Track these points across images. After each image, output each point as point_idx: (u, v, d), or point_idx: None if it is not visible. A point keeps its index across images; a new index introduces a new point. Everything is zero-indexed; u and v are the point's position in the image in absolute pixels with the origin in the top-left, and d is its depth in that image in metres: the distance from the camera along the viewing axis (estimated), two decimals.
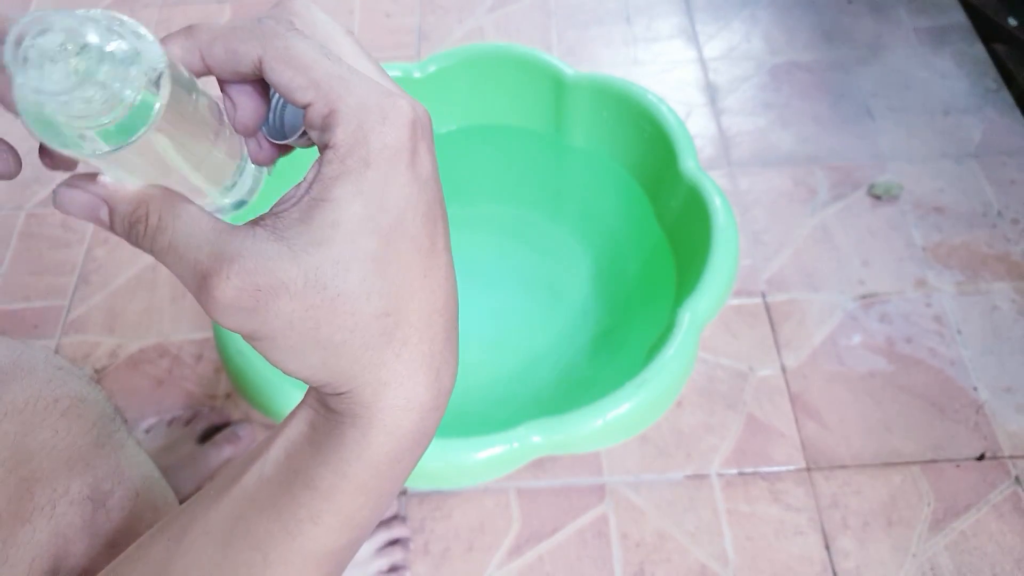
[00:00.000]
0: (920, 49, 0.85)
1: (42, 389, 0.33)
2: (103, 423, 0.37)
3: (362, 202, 0.18)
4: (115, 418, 0.39)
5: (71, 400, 0.35)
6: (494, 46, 0.61)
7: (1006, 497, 0.57)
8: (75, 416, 0.34)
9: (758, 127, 0.79)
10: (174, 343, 0.68)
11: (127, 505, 0.37)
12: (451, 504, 0.58)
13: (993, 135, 0.77)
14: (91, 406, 0.36)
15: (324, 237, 0.18)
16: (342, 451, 0.21)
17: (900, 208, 0.73)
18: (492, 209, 0.69)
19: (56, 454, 0.33)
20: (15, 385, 0.32)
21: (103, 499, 0.35)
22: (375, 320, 0.19)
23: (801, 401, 0.62)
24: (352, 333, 0.19)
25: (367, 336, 0.19)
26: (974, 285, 0.68)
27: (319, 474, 0.21)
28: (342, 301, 0.18)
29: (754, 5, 0.91)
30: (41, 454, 0.32)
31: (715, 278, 0.47)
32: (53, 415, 0.33)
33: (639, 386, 0.43)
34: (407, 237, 0.19)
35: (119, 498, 0.36)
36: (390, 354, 0.20)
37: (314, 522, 0.21)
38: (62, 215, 0.75)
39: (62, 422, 0.34)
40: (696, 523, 0.57)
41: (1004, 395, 0.62)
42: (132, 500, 0.37)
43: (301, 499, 0.21)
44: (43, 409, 0.33)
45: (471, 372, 0.60)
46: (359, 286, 0.19)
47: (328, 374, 0.20)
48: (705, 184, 0.52)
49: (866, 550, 0.56)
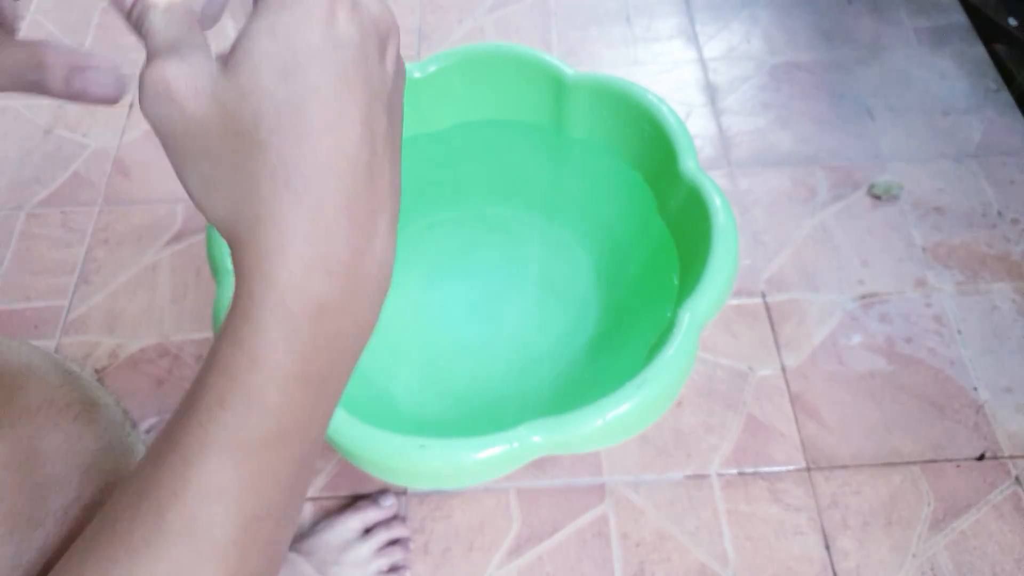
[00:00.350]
0: (920, 49, 0.85)
1: (54, 393, 0.33)
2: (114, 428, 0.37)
3: (270, 40, 0.19)
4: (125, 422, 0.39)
5: (83, 405, 0.35)
6: (494, 46, 0.61)
7: (1006, 497, 0.58)
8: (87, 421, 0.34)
9: (758, 127, 0.79)
10: (174, 343, 0.68)
11: None
12: (451, 504, 0.58)
13: (993, 135, 0.78)
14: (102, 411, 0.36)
15: (235, 64, 0.20)
16: (233, 315, 0.21)
17: (900, 208, 0.73)
18: (492, 209, 0.69)
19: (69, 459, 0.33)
20: (28, 389, 0.32)
21: None
22: (259, 154, 0.20)
23: (801, 401, 0.62)
24: (234, 162, 0.20)
25: (249, 168, 0.20)
26: (974, 285, 0.68)
27: (219, 348, 0.21)
28: (233, 124, 0.19)
29: (754, 5, 0.91)
30: (55, 459, 0.32)
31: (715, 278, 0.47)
32: (66, 419, 0.33)
33: (639, 386, 0.43)
34: (311, 87, 0.20)
35: None
36: (273, 200, 0.20)
37: (222, 406, 0.21)
38: (62, 215, 0.75)
39: (74, 427, 0.34)
40: (696, 523, 0.57)
41: (1004, 395, 0.62)
42: None
43: (207, 381, 0.21)
44: (56, 414, 0.33)
45: (471, 372, 0.60)
46: (251, 117, 0.19)
47: (214, 208, 0.21)
48: (705, 184, 0.52)
49: (866, 550, 0.56)
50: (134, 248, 0.74)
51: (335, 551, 0.53)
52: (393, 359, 0.61)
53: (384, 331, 0.63)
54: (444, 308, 0.64)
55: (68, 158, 0.81)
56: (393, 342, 0.62)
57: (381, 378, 0.60)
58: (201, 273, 0.72)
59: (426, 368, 0.61)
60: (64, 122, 0.84)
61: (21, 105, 0.86)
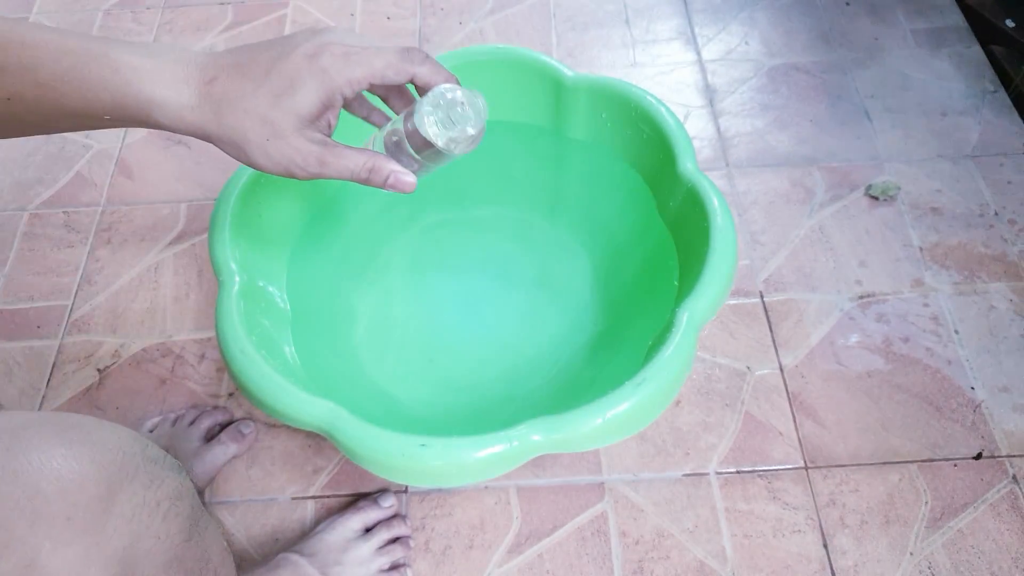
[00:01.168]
0: (917, 51, 0.86)
1: (146, 495, 0.33)
2: (194, 515, 0.37)
3: None
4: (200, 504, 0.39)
5: (170, 501, 0.35)
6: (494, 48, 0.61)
7: (1003, 496, 0.58)
8: (173, 516, 0.34)
9: (756, 129, 0.80)
10: (177, 343, 0.68)
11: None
12: (452, 502, 0.59)
13: (990, 136, 0.78)
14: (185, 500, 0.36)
15: None
16: None
17: (897, 209, 0.74)
18: (492, 209, 0.69)
19: (157, 559, 0.33)
20: (121, 495, 0.31)
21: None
22: None
23: (799, 400, 0.63)
24: None
25: None
26: (971, 285, 0.68)
27: None
28: None
29: (752, 7, 0.91)
30: (144, 562, 0.32)
31: (713, 278, 0.48)
32: (156, 520, 0.33)
33: (638, 385, 0.43)
34: None
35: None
36: None
37: None
38: (65, 216, 0.76)
39: (163, 527, 0.33)
40: (695, 521, 0.57)
41: (1001, 395, 0.62)
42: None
43: None
44: (147, 516, 0.32)
45: (471, 371, 0.61)
46: None
47: None
48: (704, 185, 0.52)
49: (864, 548, 0.56)
50: (136, 248, 0.74)
51: (336, 551, 0.53)
52: (394, 358, 0.62)
53: (385, 331, 0.64)
54: (444, 308, 0.64)
55: (71, 159, 0.81)
56: (393, 342, 0.63)
57: (382, 378, 0.60)
58: (203, 273, 0.72)
59: (426, 367, 0.61)
60: None
61: None
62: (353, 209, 0.65)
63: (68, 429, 0.31)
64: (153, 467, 0.34)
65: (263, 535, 0.58)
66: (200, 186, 0.77)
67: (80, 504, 0.29)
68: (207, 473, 0.59)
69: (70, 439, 0.31)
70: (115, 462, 0.32)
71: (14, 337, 0.69)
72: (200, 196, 0.77)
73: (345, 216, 0.65)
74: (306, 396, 0.44)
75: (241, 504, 0.59)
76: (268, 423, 0.63)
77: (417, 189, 0.41)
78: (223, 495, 0.60)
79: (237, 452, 0.60)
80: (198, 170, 0.78)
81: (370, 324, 0.63)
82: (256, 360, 0.45)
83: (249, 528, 0.58)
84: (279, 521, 0.58)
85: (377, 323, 0.63)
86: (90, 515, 0.29)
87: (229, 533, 0.58)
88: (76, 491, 0.29)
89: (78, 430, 0.32)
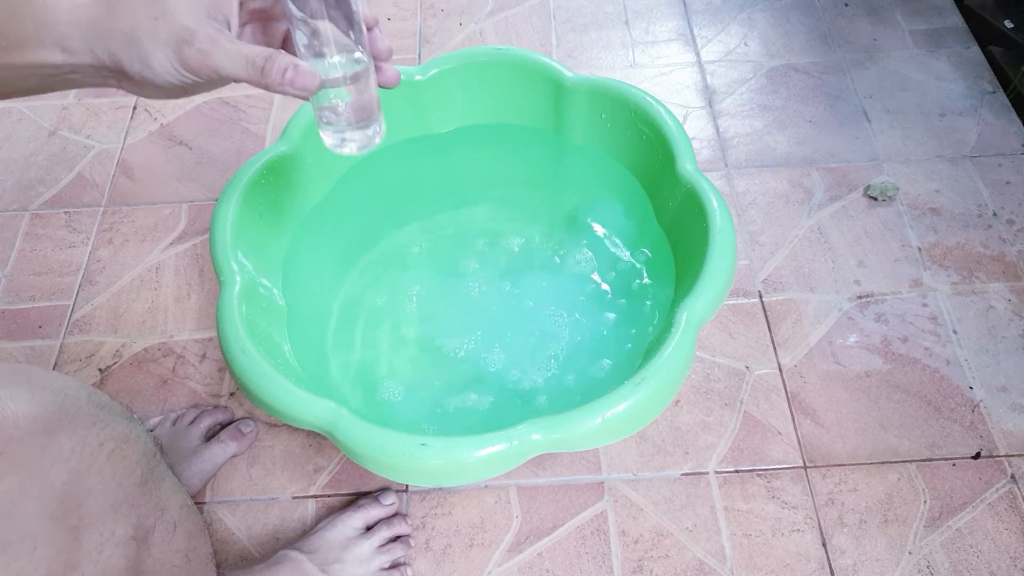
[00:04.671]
0: (916, 52, 0.86)
1: (87, 434, 0.33)
2: (145, 460, 0.37)
3: None
4: (155, 453, 0.39)
5: (115, 442, 0.35)
6: (494, 49, 0.61)
7: (1002, 495, 0.58)
8: (120, 458, 0.35)
9: (755, 129, 0.80)
10: (178, 342, 0.68)
11: (166, 538, 0.37)
12: (452, 501, 0.59)
13: (989, 137, 0.78)
14: (134, 445, 0.36)
15: None
16: None
17: (896, 209, 0.74)
18: (492, 209, 0.69)
19: (103, 498, 0.33)
20: (61, 434, 0.32)
21: (145, 535, 0.35)
22: None
23: (798, 400, 0.63)
24: None
25: None
26: (969, 285, 0.69)
27: None
28: None
29: (751, 8, 0.91)
30: (88, 500, 0.32)
31: (712, 278, 0.48)
32: (99, 460, 0.33)
33: (637, 385, 0.43)
34: None
35: (160, 532, 0.37)
36: None
37: None
38: (66, 216, 0.76)
39: (107, 466, 0.34)
40: (694, 520, 0.58)
41: (999, 394, 0.63)
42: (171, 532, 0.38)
43: None
44: (89, 455, 0.33)
45: (471, 370, 0.61)
46: None
47: None
48: (703, 186, 0.52)
49: (862, 547, 0.56)
50: (138, 248, 0.74)
51: (337, 549, 0.54)
52: (394, 358, 0.62)
53: (385, 331, 0.64)
54: (444, 308, 0.64)
55: (72, 159, 0.82)
56: (394, 342, 0.63)
57: (382, 377, 0.61)
58: (204, 273, 0.73)
59: (426, 367, 0.61)
60: (68, 124, 0.85)
61: (25, 107, 0.86)
62: (352, 208, 0.65)
63: (11, 374, 0.33)
64: (98, 411, 0.35)
65: (264, 534, 0.58)
66: (201, 187, 0.77)
67: (15, 439, 0.30)
68: (206, 472, 0.59)
69: (10, 382, 0.32)
70: (55, 403, 0.33)
71: (16, 337, 0.69)
72: (201, 196, 0.77)
73: (343, 215, 0.65)
74: (307, 396, 0.44)
75: (243, 503, 0.60)
76: (269, 423, 0.63)
77: (416, 189, 0.40)
78: (225, 494, 0.60)
79: (236, 451, 0.60)
80: (199, 171, 0.78)
81: (367, 321, 0.63)
82: (257, 360, 0.45)
83: (250, 527, 0.58)
84: (280, 520, 0.59)
85: (374, 320, 0.63)
86: (24, 450, 0.31)
87: (230, 532, 0.58)
88: (11, 428, 0.31)
89: (22, 375, 0.34)
